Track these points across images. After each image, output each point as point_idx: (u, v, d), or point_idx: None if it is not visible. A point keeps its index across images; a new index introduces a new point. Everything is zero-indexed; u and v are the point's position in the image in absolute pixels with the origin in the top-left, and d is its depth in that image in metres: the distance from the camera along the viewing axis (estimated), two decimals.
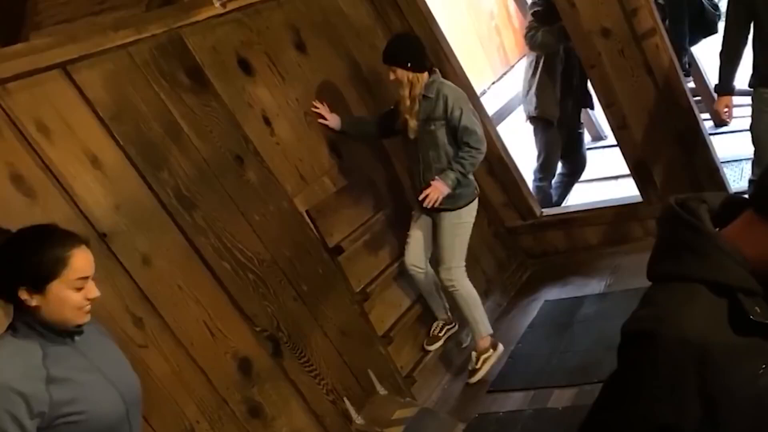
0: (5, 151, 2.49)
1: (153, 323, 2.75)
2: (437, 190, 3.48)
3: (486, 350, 3.79)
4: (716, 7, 4.58)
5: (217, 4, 3.25)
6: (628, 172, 4.39)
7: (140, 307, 2.73)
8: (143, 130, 2.90)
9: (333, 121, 3.72)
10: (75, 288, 1.81)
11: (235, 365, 2.97)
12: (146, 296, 2.75)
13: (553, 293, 4.41)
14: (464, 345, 4.10)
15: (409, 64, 3.44)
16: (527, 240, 4.77)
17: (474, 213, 3.72)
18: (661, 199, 4.25)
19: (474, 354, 3.80)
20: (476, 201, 3.71)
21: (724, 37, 3.45)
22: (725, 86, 3.47)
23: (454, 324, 3.93)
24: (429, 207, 3.51)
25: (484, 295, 4.41)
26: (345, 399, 3.34)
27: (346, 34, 4.00)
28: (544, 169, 4.99)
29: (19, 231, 1.86)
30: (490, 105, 5.21)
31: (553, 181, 5.16)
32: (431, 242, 3.76)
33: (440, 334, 3.87)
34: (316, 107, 3.69)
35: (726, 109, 3.50)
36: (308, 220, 3.51)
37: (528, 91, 4.81)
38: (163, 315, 2.78)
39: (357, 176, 3.82)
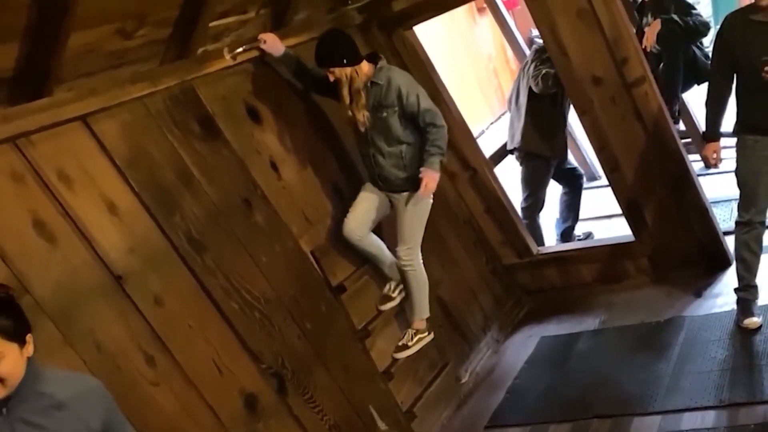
0: (28, 199, 2.63)
1: (164, 361, 2.86)
2: (433, 179, 3.47)
3: (423, 331, 3.85)
4: (708, 56, 4.75)
5: (228, 57, 3.41)
6: (620, 212, 4.54)
7: (152, 345, 2.84)
8: (157, 176, 3.05)
9: (274, 45, 3.54)
10: None
11: (242, 401, 3.07)
12: (158, 335, 2.87)
13: (550, 329, 4.51)
14: (462, 381, 4.20)
15: (345, 61, 3.40)
16: (524, 277, 4.89)
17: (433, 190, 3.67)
18: (652, 238, 4.39)
19: (410, 330, 3.83)
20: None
21: (709, 87, 3.60)
22: (712, 133, 3.62)
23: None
24: (423, 194, 3.50)
25: (482, 330, 4.54)
26: None
27: None
28: (531, 207, 5.14)
29: None
30: (488, 145, 5.38)
31: (560, 204, 5.36)
32: (377, 215, 3.75)
33: (393, 295, 3.87)
34: (261, 39, 3.53)
35: (714, 155, 3.64)
36: (312, 260, 3.64)
37: (519, 126, 5.01)
38: (174, 353, 2.89)
39: None
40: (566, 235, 5.32)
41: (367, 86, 3.47)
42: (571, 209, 5.34)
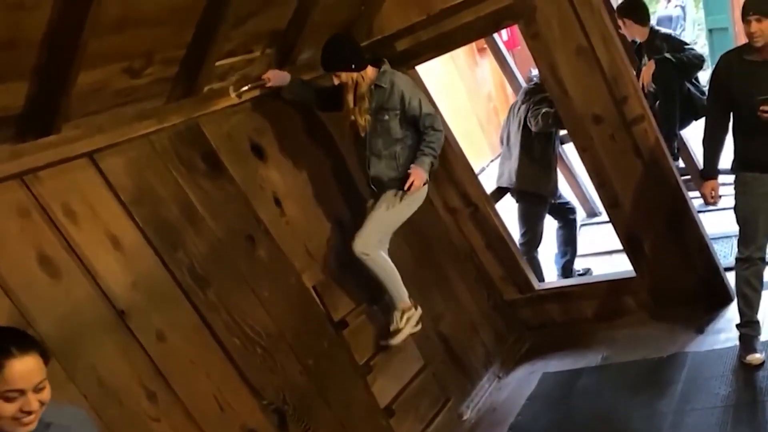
0: (34, 234, 2.65)
1: (166, 397, 2.86)
2: (419, 177, 3.48)
3: (409, 309, 3.73)
4: (703, 92, 4.83)
5: (233, 95, 3.48)
6: (621, 247, 4.56)
7: (154, 381, 2.84)
8: (161, 212, 3.08)
9: (279, 79, 3.62)
10: (6, 399, 1.71)
11: None
12: (160, 371, 2.87)
13: (552, 365, 4.49)
14: (464, 417, 4.18)
15: (353, 66, 3.44)
16: (525, 312, 4.88)
17: (421, 199, 3.70)
18: (653, 274, 4.40)
19: (396, 313, 3.70)
20: (426, 187, 3.66)
21: (706, 125, 3.65)
22: (710, 171, 3.65)
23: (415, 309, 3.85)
24: (407, 190, 3.49)
25: (483, 366, 4.53)
26: None
27: None
28: (529, 243, 5.21)
29: None
30: (489, 182, 5.43)
31: (556, 239, 5.45)
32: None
33: (401, 327, 3.79)
34: (266, 78, 3.59)
35: (712, 192, 3.66)
36: (315, 296, 3.65)
37: (513, 165, 5.09)
38: (175, 389, 2.89)
39: None
40: (566, 269, 5.38)
41: (371, 89, 3.51)
42: (567, 243, 5.42)
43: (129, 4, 2.62)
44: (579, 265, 5.50)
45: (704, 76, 5.12)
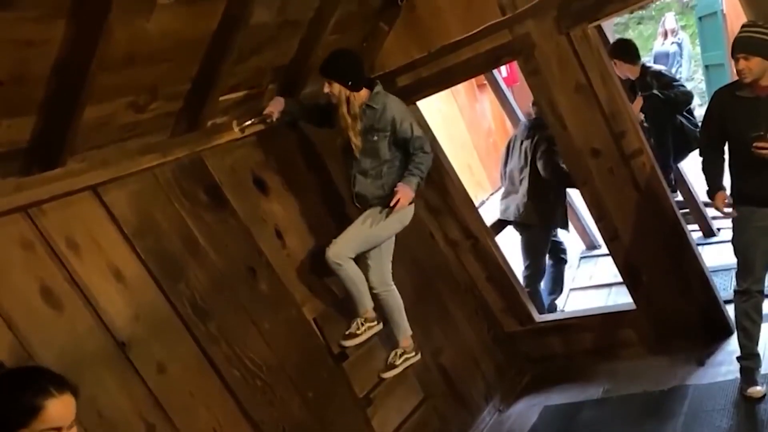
0: (37, 267, 2.68)
1: (165, 429, 2.86)
2: (406, 195, 3.46)
3: (372, 320, 3.71)
4: (697, 125, 4.90)
5: (237, 130, 3.53)
6: (621, 280, 4.57)
7: (153, 413, 2.84)
8: (164, 244, 3.11)
9: (279, 105, 3.66)
10: None
11: None
12: (159, 403, 2.87)
13: (553, 398, 4.48)
14: None
15: (349, 82, 3.46)
16: (526, 345, 4.88)
17: (406, 220, 3.70)
18: (653, 307, 4.40)
19: (358, 319, 3.69)
20: (411, 209, 3.67)
21: (702, 160, 3.66)
22: (714, 187, 3.58)
23: (415, 353, 3.90)
24: (392, 206, 3.47)
25: (484, 399, 4.51)
26: None
27: None
28: (532, 276, 5.27)
29: (7, 371, 1.91)
30: (489, 215, 5.47)
31: (547, 277, 5.49)
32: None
33: (397, 363, 3.82)
34: (268, 113, 3.63)
35: (725, 201, 3.53)
36: (315, 328, 3.66)
37: (520, 199, 5.14)
38: (174, 421, 2.89)
39: None
40: (551, 305, 5.46)
41: (363, 110, 3.53)
42: (557, 282, 5.52)
43: (136, 40, 2.68)
44: (572, 304, 5.59)
45: (699, 111, 5.20)
